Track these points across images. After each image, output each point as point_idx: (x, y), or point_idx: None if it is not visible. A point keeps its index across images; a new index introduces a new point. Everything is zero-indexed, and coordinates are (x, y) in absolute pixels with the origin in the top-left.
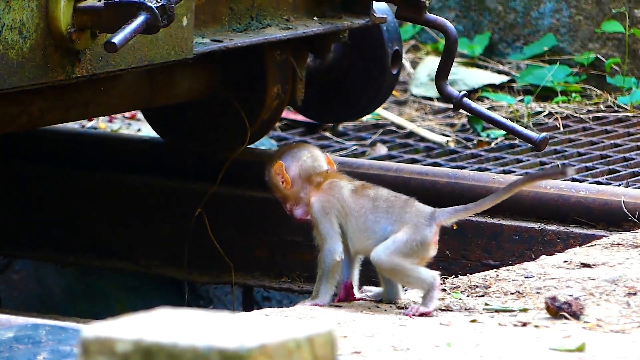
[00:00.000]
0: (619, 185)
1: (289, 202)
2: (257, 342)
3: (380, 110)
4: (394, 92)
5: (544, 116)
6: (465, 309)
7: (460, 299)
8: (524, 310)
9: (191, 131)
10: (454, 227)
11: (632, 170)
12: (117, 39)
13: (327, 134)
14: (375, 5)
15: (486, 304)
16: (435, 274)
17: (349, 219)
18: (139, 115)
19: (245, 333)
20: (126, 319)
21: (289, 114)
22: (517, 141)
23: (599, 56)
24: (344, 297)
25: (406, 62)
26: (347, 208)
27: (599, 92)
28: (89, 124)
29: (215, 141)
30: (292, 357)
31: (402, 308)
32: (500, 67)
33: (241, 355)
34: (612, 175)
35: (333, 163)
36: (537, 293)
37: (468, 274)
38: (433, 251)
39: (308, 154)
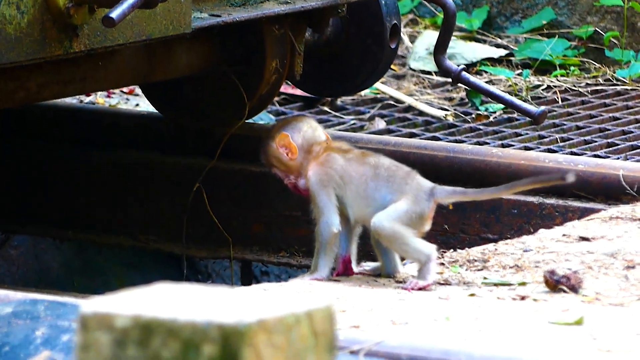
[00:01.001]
0: (618, 158)
1: (292, 174)
2: (256, 317)
3: (378, 85)
4: (392, 66)
5: (543, 90)
6: (464, 283)
7: (458, 273)
8: (523, 284)
9: (189, 106)
10: (450, 207)
11: (630, 143)
12: (115, 13)
13: (326, 108)
14: None
15: (485, 278)
16: (433, 247)
17: (348, 187)
18: (137, 90)
19: (244, 308)
20: (125, 294)
21: (287, 88)
22: (515, 115)
23: (597, 29)
24: (342, 271)
25: (404, 36)
26: (347, 177)
27: (597, 65)
28: (87, 99)
29: (214, 116)
30: (291, 332)
31: (400, 282)
32: (499, 40)
33: (240, 331)
34: (610, 149)
35: (327, 135)
36: (536, 267)
37: (467, 248)
38: (428, 226)
39: (307, 125)
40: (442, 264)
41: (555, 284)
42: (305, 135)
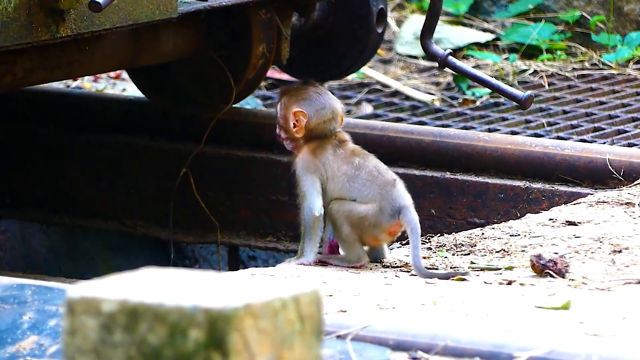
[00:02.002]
0: (604, 143)
1: (288, 136)
2: (242, 301)
3: (365, 69)
4: (379, 51)
5: (529, 74)
6: (451, 268)
7: (445, 257)
8: (510, 268)
9: (176, 90)
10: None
11: (617, 128)
12: None
13: None
14: None
15: (472, 262)
16: (363, 259)
17: (330, 181)
18: (124, 74)
19: (231, 293)
20: (112, 279)
21: (274, 73)
22: (502, 99)
23: (584, 14)
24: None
25: (391, 21)
26: (330, 172)
27: (584, 50)
28: (73, 84)
29: (201, 101)
30: (278, 317)
31: (387, 267)
32: (486, 25)
33: (227, 315)
34: (597, 133)
35: (341, 126)
36: (523, 251)
37: (454, 233)
38: (385, 239)
39: (330, 115)
40: (429, 248)
41: (542, 268)
42: (320, 125)
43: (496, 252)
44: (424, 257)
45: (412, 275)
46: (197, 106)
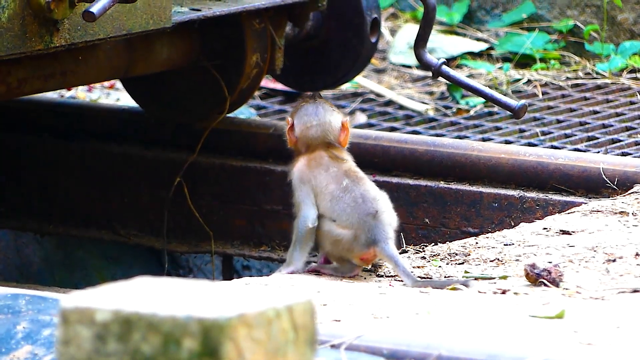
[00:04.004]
0: (598, 152)
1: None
2: (236, 311)
3: (359, 79)
4: (372, 60)
5: (523, 83)
6: (445, 277)
7: (439, 266)
8: (504, 277)
9: (170, 100)
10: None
11: (610, 137)
12: (95, 8)
13: None
14: None
15: (466, 272)
16: (356, 269)
17: (318, 196)
18: (118, 84)
19: (224, 302)
20: (105, 289)
21: (268, 82)
22: (496, 109)
23: (577, 23)
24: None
25: (385, 30)
26: (319, 187)
27: (577, 59)
28: (67, 94)
29: (195, 110)
30: (272, 326)
31: (381, 276)
32: (479, 34)
33: (221, 325)
34: (591, 142)
35: (348, 128)
36: (517, 260)
37: (447, 242)
38: (358, 262)
39: (316, 124)
40: (424, 257)
41: (536, 277)
42: (306, 132)
43: (490, 261)
44: (418, 267)
45: (407, 284)
46: (191, 116)
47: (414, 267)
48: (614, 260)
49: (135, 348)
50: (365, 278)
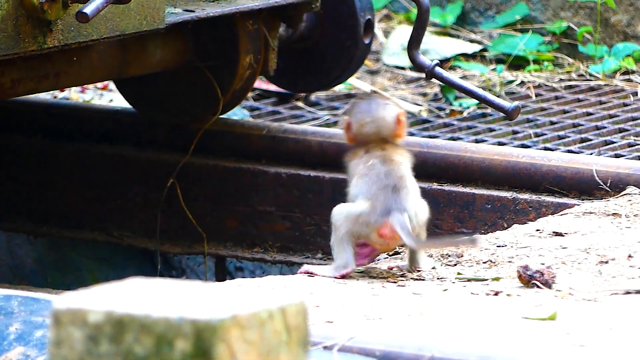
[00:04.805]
0: (591, 153)
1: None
2: (229, 312)
3: (352, 80)
4: (366, 62)
5: (517, 85)
6: (438, 278)
7: (433, 268)
8: (496, 279)
9: (164, 101)
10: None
11: (604, 138)
12: (89, 9)
13: (300, 103)
14: None
15: (459, 273)
16: (350, 266)
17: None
18: (111, 85)
19: (217, 304)
20: (98, 290)
21: (261, 83)
22: (489, 110)
23: (571, 25)
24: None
25: (378, 32)
26: (353, 174)
27: (571, 60)
28: (61, 95)
29: (188, 111)
30: (265, 327)
31: (374, 278)
32: (473, 36)
33: (213, 326)
34: (584, 144)
35: (403, 121)
36: (510, 262)
37: None
38: (376, 239)
39: (371, 122)
40: None
41: (528, 279)
42: (361, 130)
43: (483, 262)
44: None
45: (399, 286)
46: (184, 117)
47: (406, 270)
48: (607, 262)
49: (127, 349)
50: (358, 279)
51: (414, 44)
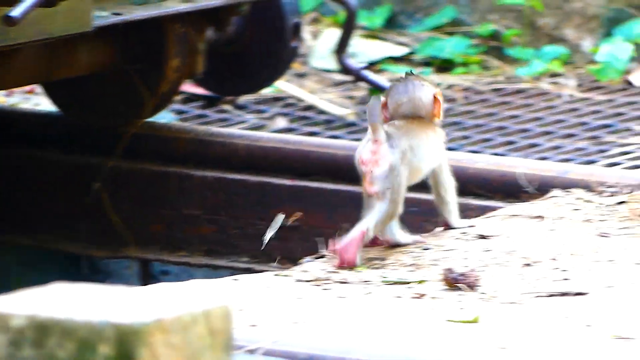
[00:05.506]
0: (517, 156)
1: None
2: (152, 316)
3: (280, 83)
4: (294, 65)
5: (444, 88)
6: (363, 282)
7: (359, 271)
8: (421, 282)
9: (91, 105)
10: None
11: (529, 141)
12: (16, 12)
13: (227, 107)
14: None
15: (383, 277)
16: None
17: None
18: (38, 89)
19: (141, 308)
20: (21, 294)
21: (189, 87)
22: None
23: (498, 28)
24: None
25: (307, 35)
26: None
27: (498, 63)
28: None
29: (116, 114)
30: (189, 331)
31: (300, 281)
32: (401, 39)
33: (136, 330)
34: (510, 147)
35: (440, 101)
36: (434, 265)
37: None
38: (364, 167)
39: (408, 102)
40: None
41: (453, 281)
42: (397, 109)
43: (408, 265)
44: (334, 272)
45: (324, 289)
46: (111, 120)
47: (331, 273)
48: (531, 265)
49: (50, 354)
50: (282, 282)
51: (341, 47)
